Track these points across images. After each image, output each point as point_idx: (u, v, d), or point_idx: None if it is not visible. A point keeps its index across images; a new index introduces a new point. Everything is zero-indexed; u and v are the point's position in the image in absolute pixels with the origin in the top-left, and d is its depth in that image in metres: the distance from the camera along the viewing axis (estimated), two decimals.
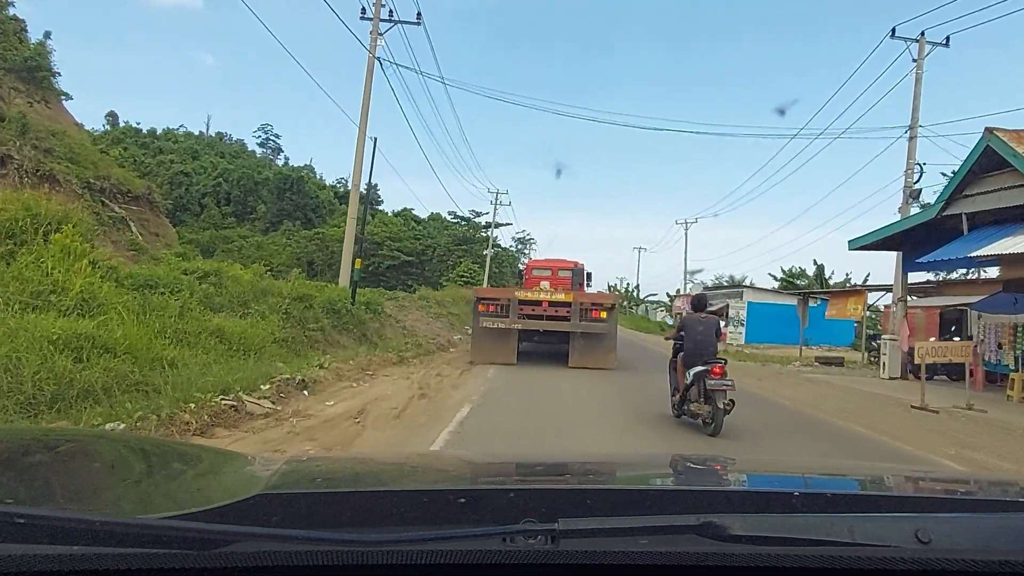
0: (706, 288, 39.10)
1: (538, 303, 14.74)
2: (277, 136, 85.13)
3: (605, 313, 14.84)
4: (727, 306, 34.80)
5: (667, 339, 9.77)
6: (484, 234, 50.90)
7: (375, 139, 17.74)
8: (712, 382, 7.65)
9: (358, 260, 17.23)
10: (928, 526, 0.95)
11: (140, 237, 21.16)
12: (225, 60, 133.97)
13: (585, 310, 14.72)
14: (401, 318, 21.08)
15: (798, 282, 43.40)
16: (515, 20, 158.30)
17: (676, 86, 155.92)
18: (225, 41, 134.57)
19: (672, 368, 8.76)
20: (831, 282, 41.73)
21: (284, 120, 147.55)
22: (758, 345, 31.98)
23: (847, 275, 46.61)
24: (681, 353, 8.36)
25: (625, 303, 69.30)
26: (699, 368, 7.85)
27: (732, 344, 26.82)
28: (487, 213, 51.37)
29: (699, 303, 8.78)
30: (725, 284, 44.74)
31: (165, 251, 19.68)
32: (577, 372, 14.18)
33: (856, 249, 17.81)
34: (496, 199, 48.56)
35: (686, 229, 53.94)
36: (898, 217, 18.22)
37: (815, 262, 43.77)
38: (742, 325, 25.87)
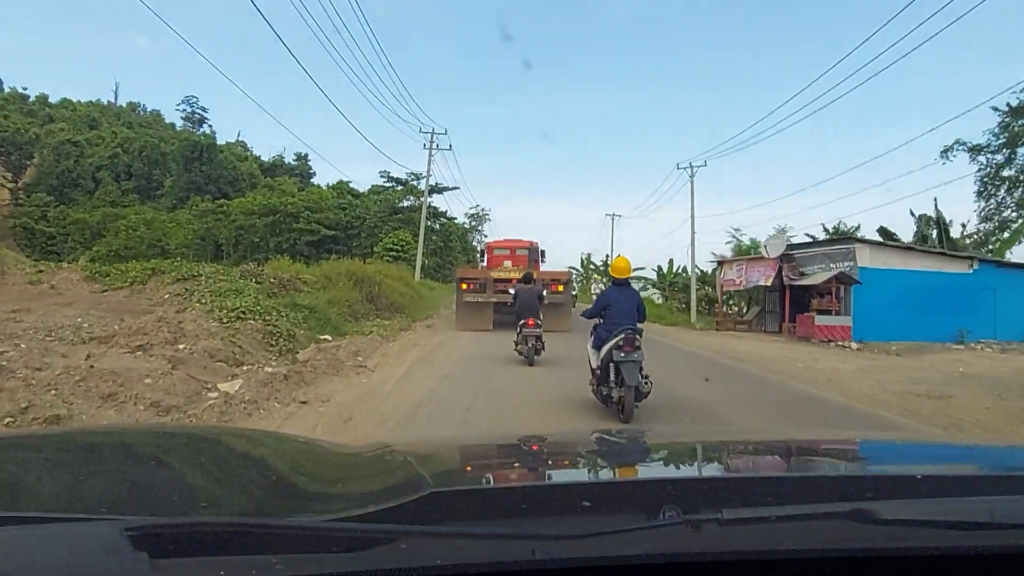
0: (791, 246, 23.68)
1: (509, 280, 18.13)
2: (204, 109, 71.86)
3: (562, 287, 19.39)
4: (833, 279, 19.40)
5: (509, 305, 13.34)
6: (429, 200, 37.45)
7: None
8: (527, 330, 11.86)
9: None
10: None
11: None
12: (154, 33, 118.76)
13: (546, 285, 16.71)
14: None
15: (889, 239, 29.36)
16: None
17: None
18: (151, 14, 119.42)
19: (515, 321, 12.75)
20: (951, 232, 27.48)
21: (214, 95, 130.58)
22: (892, 344, 17.53)
23: (963, 224, 32.21)
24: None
25: (593, 278, 56.11)
26: (522, 321, 12.04)
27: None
28: (423, 176, 37.74)
29: (526, 279, 13.27)
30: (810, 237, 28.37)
31: None
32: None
33: None
34: (432, 141, 34.65)
35: (691, 175, 36.01)
36: None
37: (935, 202, 28.30)
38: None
